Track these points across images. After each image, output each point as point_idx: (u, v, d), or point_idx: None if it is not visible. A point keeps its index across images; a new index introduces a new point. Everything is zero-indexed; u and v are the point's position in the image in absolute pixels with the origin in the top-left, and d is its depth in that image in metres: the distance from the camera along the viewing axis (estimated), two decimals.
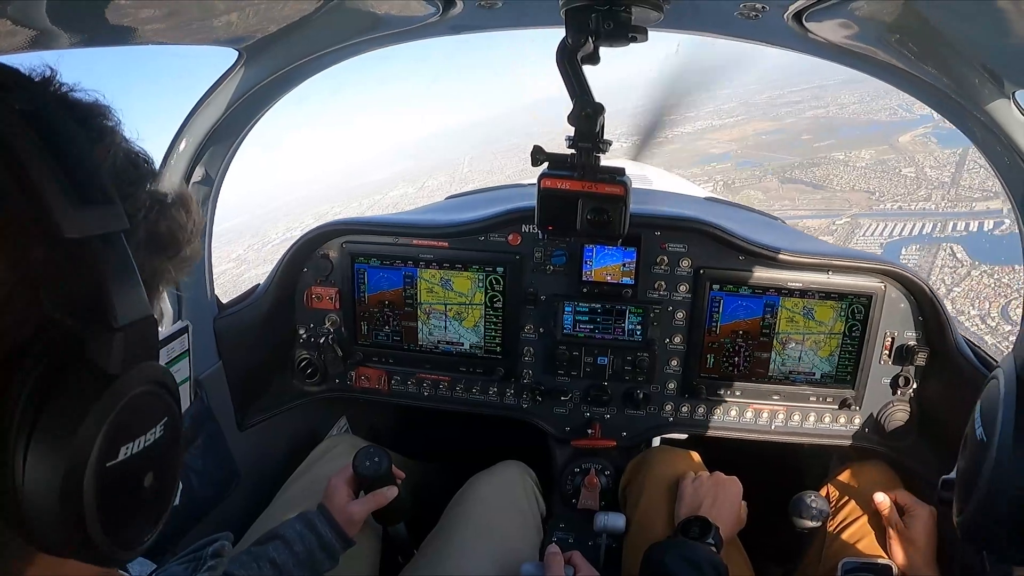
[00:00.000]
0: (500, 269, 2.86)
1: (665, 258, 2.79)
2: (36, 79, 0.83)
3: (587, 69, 1.77)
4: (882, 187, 58.93)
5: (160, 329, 1.08)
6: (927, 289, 2.62)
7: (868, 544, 2.41)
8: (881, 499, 2.47)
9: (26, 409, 0.72)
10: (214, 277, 2.62)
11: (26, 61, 0.85)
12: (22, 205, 0.72)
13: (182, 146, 2.22)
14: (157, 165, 0.99)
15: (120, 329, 0.77)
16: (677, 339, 2.87)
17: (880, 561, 2.34)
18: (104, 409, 0.75)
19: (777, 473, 3.35)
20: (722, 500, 2.46)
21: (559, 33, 1.71)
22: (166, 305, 2.26)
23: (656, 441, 3.17)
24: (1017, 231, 1.97)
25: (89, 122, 0.85)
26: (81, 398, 0.74)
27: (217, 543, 1.31)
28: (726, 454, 3.02)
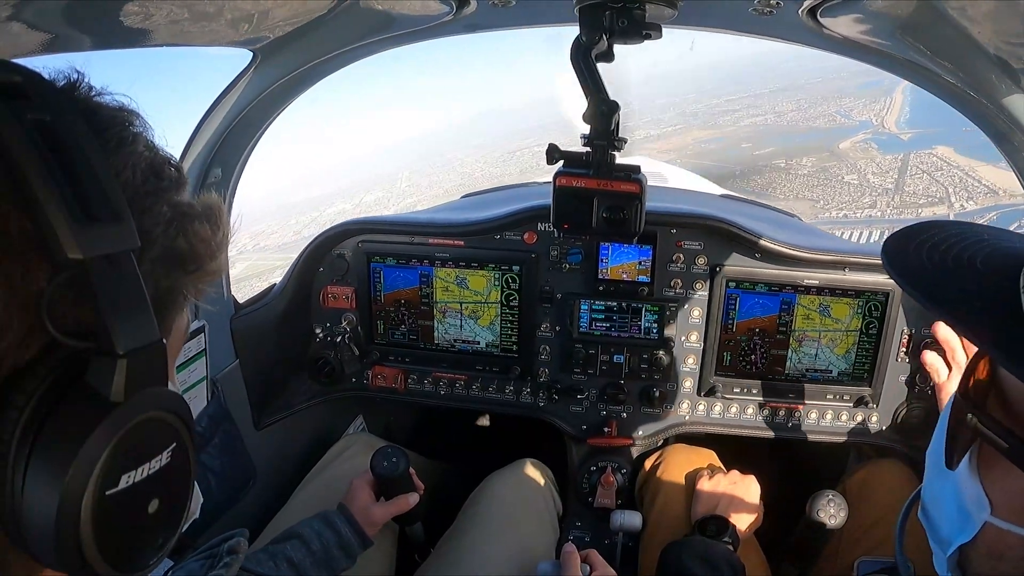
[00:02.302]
0: (516, 267, 2.85)
1: (681, 256, 2.78)
2: (60, 84, 0.81)
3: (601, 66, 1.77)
4: (826, 195, 59.40)
5: (185, 337, 1.06)
6: None
7: (885, 542, 2.40)
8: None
9: (26, 432, 0.71)
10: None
11: (50, 64, 0.82)
12: (25, 225, 0.70)
13: (197, 148, 2.22)
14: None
15: (123, 355, 0.74)
16: (693, 337, 2.86)
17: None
18: (103, 438, 0.73)
19: (794, 471, 3.34)
20: (739, 499, 2.46)
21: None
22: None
23: (673, 439, 3.16)
24: None
25: (109, 131, 0.81)
26: (80, 426, 0.72)
27: (233, 540, 1.31)
28: (743, 452, 3.00)
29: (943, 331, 2.36)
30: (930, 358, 2.38)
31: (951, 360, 2.33)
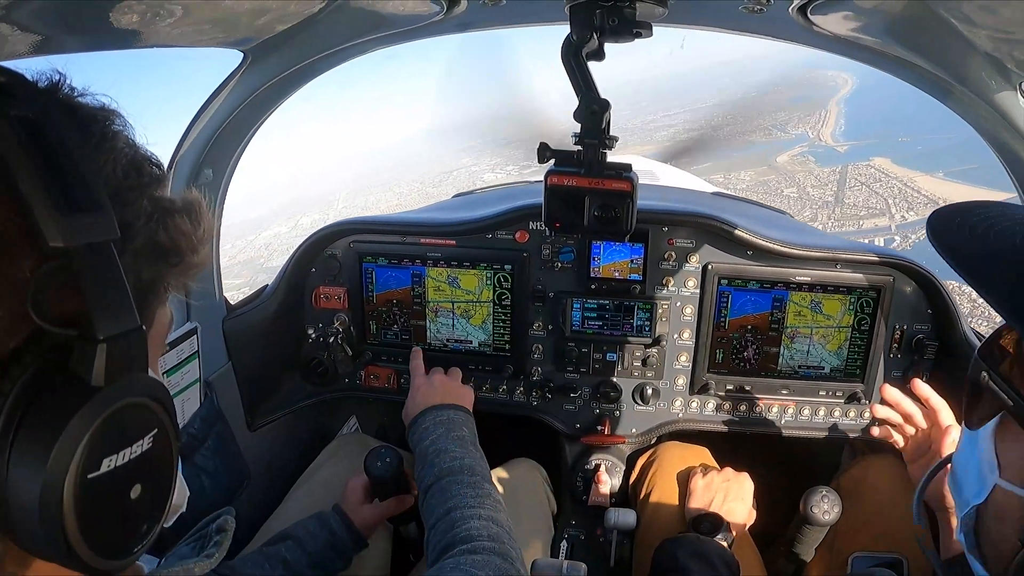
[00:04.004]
0: (508, 267, 2.85)
1: (673, 254, 2.78)
2: (42, 84, 0.83)
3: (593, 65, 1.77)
4: None
5: (169, 331, 1.08)
6: (936, 282, 2.61)
7: (879, 538, 2.41)
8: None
9: (9, 418, 0.72)
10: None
11: (35, 66, 0.84)
12: (10, 216, 0.72)
13: (187, 148, 2.21)
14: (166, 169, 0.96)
15: (103, 340, 0.76)
16: (686, 335, 2.87)
17: (891, 555, 2.34)
18: (84, 421, 0.75)
19: (788, 468, 3.34)
20: (733, 496, 2.46)
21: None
22: (175, 307, 2.25)
23: (666, 437, 3.16)
24: None
25: (90, 127, 0.84)
26: (62, 410, 0.74)
27: (220, 519, 1.31)
28: (736, 449, 3.01)
29: (922, 389, 2.34)
30: (882, 412, 2.40)
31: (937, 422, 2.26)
